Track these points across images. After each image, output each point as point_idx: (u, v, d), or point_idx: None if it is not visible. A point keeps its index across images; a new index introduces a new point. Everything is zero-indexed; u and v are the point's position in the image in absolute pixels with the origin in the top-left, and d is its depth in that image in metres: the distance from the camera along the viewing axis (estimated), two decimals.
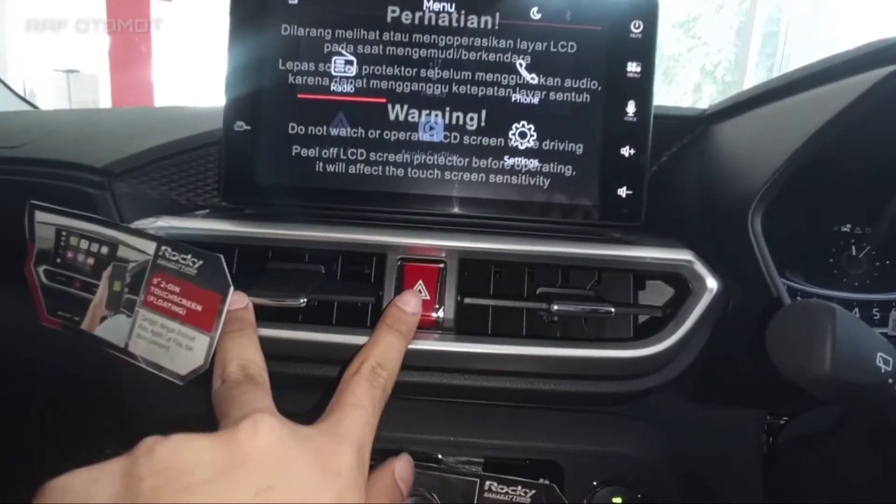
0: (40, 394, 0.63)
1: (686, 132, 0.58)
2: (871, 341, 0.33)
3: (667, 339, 0.45)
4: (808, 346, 0.32)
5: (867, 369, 0.32)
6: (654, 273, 0.47)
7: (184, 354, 0.38)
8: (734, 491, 0.55)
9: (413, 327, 0.41)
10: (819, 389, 0.33)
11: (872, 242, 0.62)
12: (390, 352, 0.38)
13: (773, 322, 0.35)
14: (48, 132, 0.64)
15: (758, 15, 4.33)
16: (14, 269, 0.48)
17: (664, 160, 0.58)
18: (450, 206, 0.49)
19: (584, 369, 0.46)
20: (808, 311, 0.33)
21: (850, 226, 0.62)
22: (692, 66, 5.55)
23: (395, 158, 0.49)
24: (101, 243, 0.43)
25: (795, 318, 0.34)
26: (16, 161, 0.56)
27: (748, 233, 0.44)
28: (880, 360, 0.33)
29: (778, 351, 0.34)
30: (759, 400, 0.55)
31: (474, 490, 0.47)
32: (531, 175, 0.49)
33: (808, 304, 0.33)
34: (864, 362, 0.32)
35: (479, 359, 0.44)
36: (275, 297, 0.44)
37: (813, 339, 0.32)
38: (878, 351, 0.33)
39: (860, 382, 0.32)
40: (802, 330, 0.33)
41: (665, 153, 0.58)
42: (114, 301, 0.42)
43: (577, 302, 0.45)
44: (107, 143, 0.59)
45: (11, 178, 0.54)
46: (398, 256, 0.45)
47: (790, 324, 0.34)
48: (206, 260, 0.38)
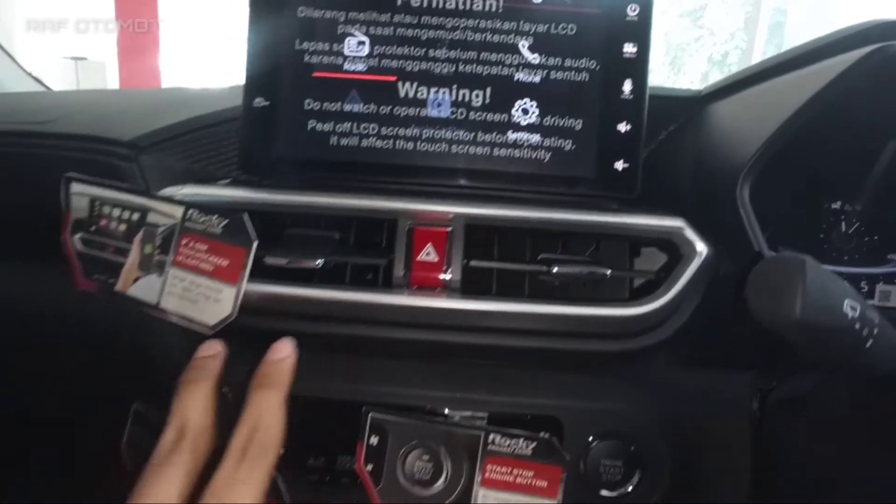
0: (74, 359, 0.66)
1: (682, 113, 0.60)
2: (839, 289, 0.36)
3: (659, 299, 0.48)
4: (781, 294, 0.35)
5: (835, 314, 0.35)
6: (648, 239, 0.50)
7: (212, 306, 0.42)
8: (723, 449, 0.58)
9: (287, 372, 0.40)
10: (791, 334, 0.36)
11: (861, 219, 0.65)
12: (264, 412, 0.38)
13: (751, 274, 0.38)
14: (73, 110, 0.68)
15: (764, 5, 4.33)
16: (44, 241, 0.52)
17: (661, 139, 0.61)
18: (456, 178, 0.52)
19: (581, 326, 0.49)
20: (782, 262, 0.36)
21: (840, 203, 0.65)
22: (699, 55, 5.55)
23: (405, 133, 0.52)
24: (132, 210, 0.46)
25: (771, 269, 0.37)
26: (47, 136, 0.59)
27: (736, 202, 0.47)
28: (847, 307, 0.36)
29: (755, 299, 0.37)
30: (747, 363, 0.58)
31: (479, 443, 0.50)
32: (533, 149, 0.52)
33: (783, 256, 0.37)
34: (832, 308, 0.35)
35: (483, 316, 0.48)
36: (293, 258, 0.47)
37: (785, 286, 0.35)
38: (846, 298, 0.36)
39: (828, 326, 0.35)
40: (777, 279, 0.36)
41: (662, 133, 0.61)
42: (145, 263, 0.45)
43: (575, 264, 0.48)
44: (131, 119, 0.63)
45: (43, 153, 0.58)
46: (408, 221, 0.48)
47: (766, 274, 0.37)
48: (230, 219, 0.42)
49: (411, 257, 0.48)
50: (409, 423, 0.50)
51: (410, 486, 0.50)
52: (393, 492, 0.50)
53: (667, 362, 0.57)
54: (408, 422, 0.50)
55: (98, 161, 0.54)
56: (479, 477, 0.49)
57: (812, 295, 0.34)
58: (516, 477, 0.49)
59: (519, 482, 0.49)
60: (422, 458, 0.50)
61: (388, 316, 0.48)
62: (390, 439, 0.50)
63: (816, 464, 0.55)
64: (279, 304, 0.48)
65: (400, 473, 0.50)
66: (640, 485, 0.54)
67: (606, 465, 0.54)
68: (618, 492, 0.54)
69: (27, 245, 0.62)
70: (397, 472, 0.50)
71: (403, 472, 0.50)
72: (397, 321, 0.49)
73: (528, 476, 0.49)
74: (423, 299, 0.46)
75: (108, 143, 0.55)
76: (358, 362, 0.56)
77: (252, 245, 0.41)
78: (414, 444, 0.50)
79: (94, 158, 0.54)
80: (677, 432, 0.56)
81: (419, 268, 0.48)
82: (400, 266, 0.48)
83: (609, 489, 0.54)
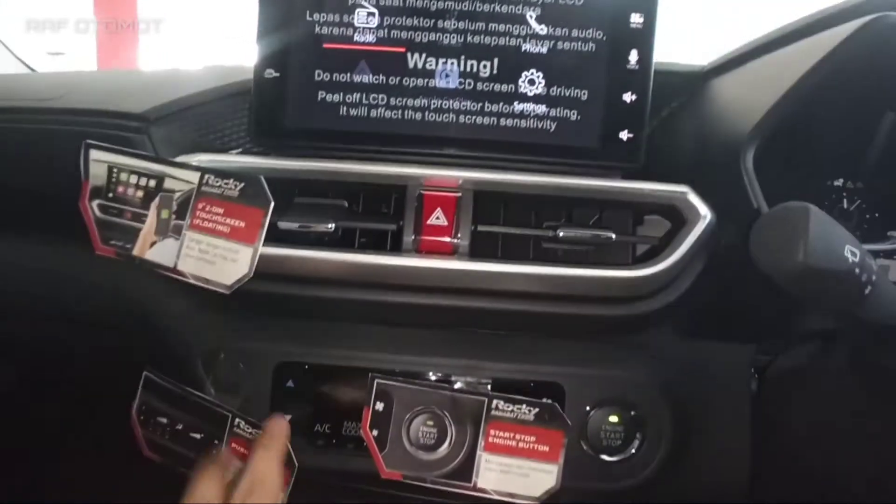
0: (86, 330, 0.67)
1: (686, 88, 0.61)
2: (841, 235, 0.37)
3: (663, 262, 0.49)
4: (786, 239, 0.36)
5: (836, 259, 0.36)
6: (652, 205, 0.51)
7: (229, 267, 0.43)
8: (723, 418, 0.59)
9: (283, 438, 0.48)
10: (794, 281, 0.37)
11: (862, 196, 0.66)
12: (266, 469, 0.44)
13: (756, 224, 0.39)
14: (78, 88, 0.68)
15: None
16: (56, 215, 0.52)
17: (664, 115, 0.62)
18: (464, 148, 0.53)
19: (585, 289, 0.50)
20: (786, 210, 0.37)
21: (841, 180, 0.66)
22: None
23: (414, 103, 0.53)
24: (149, 177, 0.48)
25: (775, 218, 0.38)
26: (57, 111, 0.60)
27: (740, 168, 0.48)
28: (848, 252, 0.37)
29: (760, 248, 0.38)
30: (748, 336, 0.59)
31: (482, 408, 0.51)
32: (539, 119, 0.53)
33: (786, 205, 0.38)
34: (834, 253, 0.36)
35: (491, 278, 0.49)
36: (305, 223, 0.48)
37: (790, 232, 0.36)
38: (847, 244, 0.37)
39: (830, 271, 0.36)
40: (781, 225, 0.37)
41: (665, 109, 0.62)
42: (162, 227, 0.46)
43: (580, 228, 0.49)
44: (137, 95, 0.63)
45: (54, 128, 0.58)
46: (418, 187, 0.49)
47: (771, 222, 0.38)
48: (247, 181, 0.43)
49: (421, 222, 0.49)
50: (413, 389, 0.52)
51: (415, 451, 0.51)
52: (398, 456, 0.51)
53: (669, 333, 0.58)
54: (412, 388, 0.52)
55: (109, 135, 0.55)
56: (482, 442, 0.51)
57: (815, 239, 0.35)
58: (519, 442, 0.50)
59: (521, 447, 0.50)
60: (426, 423, 0.52)
61: (398, 279, 0.49)
62: (395, 405, 0.51)
63: (814, 433, 0.57)
64: (292, 268, 0.49)
65: (405, 438, 0.51)
66: (640, 450, 0.55)
67: (607, 431, 0.55)
68: (618, 456, 0.55)
69: (39, 220, 0.63)
70: (402, 437, 0.51)
71: (408, 437, 0.51)
72: (407, 284, 0.50)
73: (530, 441, 0.50)
74: (432, 261, 0.47)
75: (120, 117, 0.56)
76: (364, 330, 0.57)
77: (269, 206, 0.42)
78: (418, 410, 0.52)
79: (105, 132, 0.55)
80: (678, 400, 0.57)
81: (429, 231, 0.49)
82: (409, 230, 0.49)
83: (609, 454, 0.55)
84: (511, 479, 0.50)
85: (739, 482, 0.59)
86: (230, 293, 0.45)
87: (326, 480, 0.58)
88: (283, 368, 0.56)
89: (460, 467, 0.51)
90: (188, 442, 0.52)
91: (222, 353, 0.56)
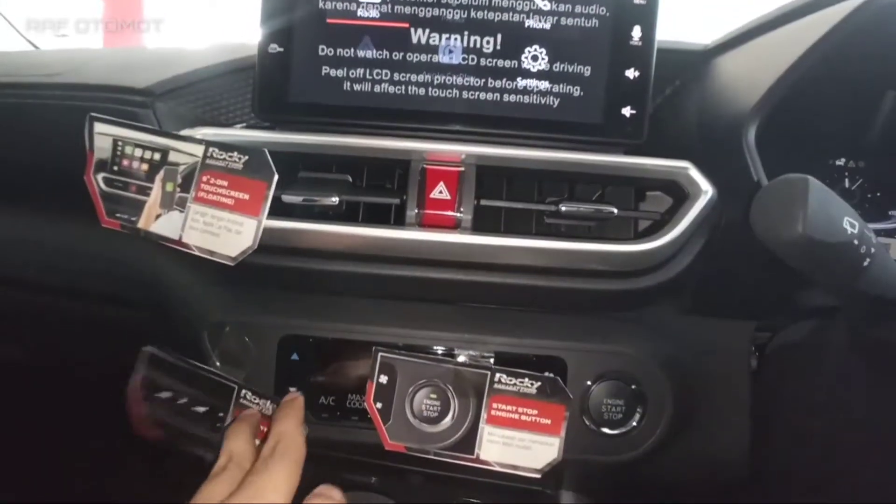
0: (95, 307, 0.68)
1: (689, 67, 0.61)
2: (840, 207, 0.38)
3: (665, 236, 0.49)
4: (785, 210, 0.36)
5: (835, 230, 0.37)
6: (654, 181, 0.52)
7: (234, 239, 0.43)
8: (722, 393, 0.60)
9: (300, 407, 0.49)
10: (794, 252, 0.37)
11: (864, 175, 0.66)
12: (286, 431, 0.45)
13: (757, 195, 0.39)
14: (81, 64, 0.68)
15: None
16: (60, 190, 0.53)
17: (667, 94, 0.62)
18: (467, 123, 0.53)
19: (587, 262, 0.50)
20: (786, 182, 0.38)
21: (843, 159, 0.66)
22: None
23: (417, 79, 0.53)
24: (154, 150, 0.48)
25: (775, 189, 0.38)
26: (61, 87, 0.60)
27: (742, 145, 0.48)
28: (847, 224, 0.37)
29: (761, 218, 0.39)
30: (748, 311, 0.60)
31: (485, 381, 0.51)
32: (542, 95, 0.53)
33: (786, 177, 0.38)
34: (833, 224, 0.37)
35: (493, 251, 0.49)
36: (310, 196, 0.48)
37: (789, 203, 0.36)
38: (846, 216, 0.37)
39: (829, 242, 0.36)
40: (782, 196, 0.37)
41: (668, 88, 0.62)
42: (167, 200, 0.47)
43: (582, 202, 0.50)
44: (141, 70, 0.63)
45: (58, 103, 0.58)
46: (421, 161, 0.50)
47: (771, 193, 0.38)
48: (251, 154, 0.43)
49: (424, 196, 0.50)
50: (417, 362, 0.52)
51: (418, 424, 0.52)
52: (401, 429, 0.52)
53: (670, 309, 0.59)
54: (416, 361, 0.52)
55: (114, 109, 0.55)
56: (484, 415, 0.51)
57: (814, 211, 0.36)
58: (521, 415, 0.51)
59: (523, 420, 0.51)
60: (429, 396, 0.52)
61: (401, 252, 0.50)
62: (399, 378, 0.52)
63: (813, 408, 0.57)
64: (296, 241, 0.50)
65: (408, 411, 0.52)
66: (640, 424, 0.56)
67: (608, 405, 0.55)
68: (619, 430, 0.56)
69: (45, 194, 0.63)
70: (405, 410, 0.52)
71: (411, 409, 0.52)
72: (410, 258, 0.50)
73: (532, 414, 0.51)
74: (435, 234, 0.47)
75: (124, 92, 0.56)
76: (368, 304, 0.58)
77: (273, 178, 0.43)
78: (422, 383, 0.52)
79: (109, 107, 0.55)
80: (678, 375, 0.57)
81: (432, 205, 0.49)
82: (412, 204, 0.50)
83: (610, 427, 0.56)
84: (513, 451, 0.51)
85: (739, 455, 0.60)
86: (235, 266, 0.46)
87: (331, 452, 0.59)
88: (287, 342, 0.57)
89: (463, 440, 0.52)
90: (190, 416, 0.53)
91: (228, 326, 0.56)
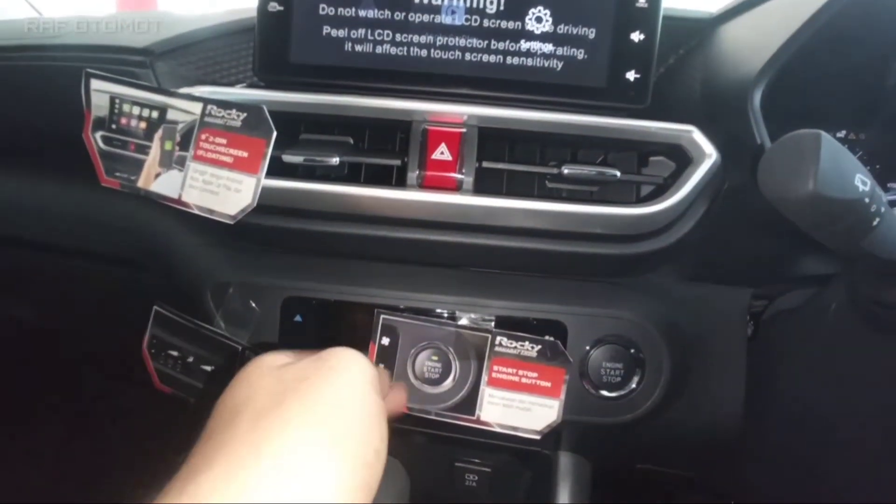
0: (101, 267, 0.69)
1: (694, 35, 0.60)
2: (851, 163, 0.36)
3: (668, 199, 0.49)
4: (796, 166, 0.35)
5: (847, 187, 0.36)
6: (658, 145, 0.51)
7: (233, 197, 0.43)
8: (719, 357, 0.60)
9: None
10: (802, 208, 0.36)
11: (865, 147, 0.65)
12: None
13: (765, 154, 0.38)
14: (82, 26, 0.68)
15: None
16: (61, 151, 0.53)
17: (671, 63, 0.61)
18: (469, 86, 0.52)
19: (589, 226, 0.50)
20: (797, 137, 0.36)
21: (844, 132, 0.65)
22: None
23: (419, 40, 0.52)
24: (152, 108, 0.48)
25: (785, 145, 0.37)
26: (60, 47, 0.60)
27: (746, 109, 0.48)
28: (858, 181, 0.36)
29: (767, 176, 0.38)
30: (746, 278, 0.60)
31: (486, 344, 0.52)
32: (545, 58, 0.52)
33: (796, 133, 0.37)
34: (845, 181, 0.36)
35: (495, 214, 0.49)
36: (310, 156, 0.48)
37: (800, 159, 0.35)
38: (857, 172, 0.36)
39: (840, 199, 0.36)
40: (792, 152, 0.36)
41: (672, 57, 0.61)
42: (166, 159, 0.47)
43: (585, 165, 0.49)
44: (142, 31, 0.63)
45: (58, 64, 0.58)
46: (422, 122, 0.49)
47: (781, 150, 0.37)
48: (249, 111, 0.43)
49: (425, 158, 0.49)
50: (419, 324, 0.52)
51: (419, 385, 0.52)
52: None
53: (670, 274, 0.59)
54: (418, 323, 0.52)
55: (113, 69, 0.55)
56: (485, 377, 0.52)
57: (826, 167, 0.35)
58: (521, 377, 0.51)
59: (524, 382, 0.51)
60: (431, 358, 0.53)
61: (402, 213, 0.50)
62: (401, 340, 0.52)
63: (809, 374, 0.57)
64: (297, 201, 0.49)
65: (410, 372, 0.52)
66: (638, 387, 0.56)
67: (607, 368, 0.56)
68: (617, 392, 0.56)
69: (49, 156, 0.63)
70: (407, 372, 0.52)
71: (413, 371, 0.52)
72: (411, 219, 0.50)
73: (532, 377, 0.51)
74: (436, 195, 0.47)
75: (123, 52, 0.56)
76: (370, 268, 0.58)
77: (272, 135, 0.42)
78: (424, 345, 0.52)
79: (108, 67, 0.55)
80: (676, 340, 0.58)
81: (433, 166, 0.49)
82: (414, 165, 0.49)
83: (609, 390, 0.56)
84: (513, 413, 0.51)
85: (733, 419, 0.60)
86: (237, 226, 0.46)
87: None
88: (290, 303, 0.57)
89: (464, 401, 0.52)
90: (199, 374, 0.54)
91: (231, 287, 0.56)
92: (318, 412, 0.32)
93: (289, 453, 0.29)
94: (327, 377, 0.34)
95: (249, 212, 0.45)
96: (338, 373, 0.34)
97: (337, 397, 0.33)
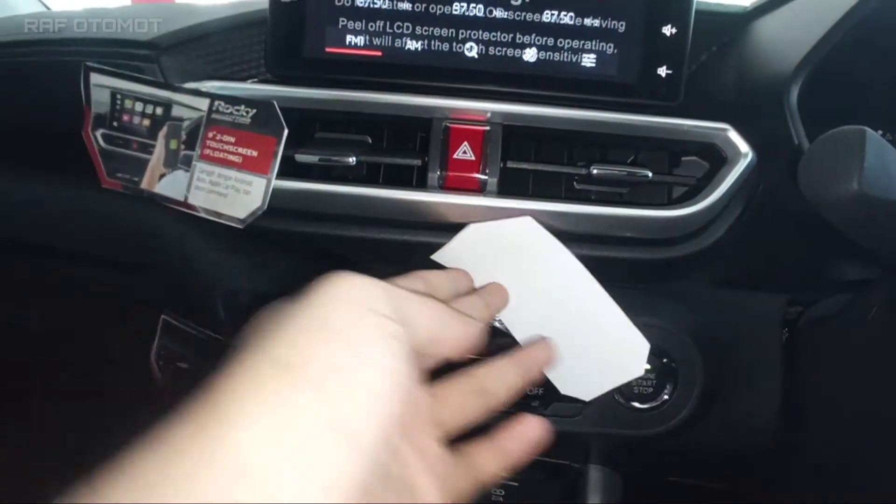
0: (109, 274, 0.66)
1: (727, 31, 0.58)
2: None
3: (702, 201, 0.46)
4: (840, 165, 0.33)
5: (893, 187, 0.33)
6: (691, 144, 0.48)
7: (242, 199, 0.40)
8: (754, 367, 0.57)
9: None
10: (844, 209, 0.34)
11: None
12: None
13: (807, 152, 0.35)
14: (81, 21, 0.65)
15: None
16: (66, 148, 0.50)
17: (703, 60, 0.59)
18: (492, 81, 0.50)
19: (620, 229, 0.47)
20: (840, 134, 0.34)
21: (880, 132, 0.63)
22: None
23: (440, 33, 0.49)
24: (156, 104, 0.45)
25: (828, 142, 0.34)
26: (62, 42, 0.57)
27: (783, 107, 0.45)
28: None
29: (808, 175, 0.35)
30: (782, 283, 0.57)
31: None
32: (573, 52, 0.49)
33: (840, 129, 0.34)
34: (892, 180, 0.33)
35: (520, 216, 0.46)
36: (326, 155, 0.45)
37: (845, 157, 0.33)
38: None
39: (885, 200, 0.33)
40: (835, 151, 0.34)
41: (704, 53, 0.59)
42: (171, 158, 0.44)
43: (615, 165, 0.47)
44: (148, 25, 0.61)
45: (61, 59, 0.56)
46: (444, 119, 0.46)
47: (823, 148, 0.35)
48: (259, 107, 0.40)
49: (447, 157, 0.47)
50: None
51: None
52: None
53: (702, 281, 0.56)
54: None
55: (118, 64, 0.52)
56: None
57: (872, 165, 0.32)
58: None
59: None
60: None
61: (423, 216, 0.47)
62: None
63: (844, 382, 0.55)
64: (311, 204, 0.46)
65: None
66: (671, 397, 0.54)
67: (639, 379, 0.53)
68: (649, 404, 0.54)
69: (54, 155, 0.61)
70: None
71: None
72: (432, 222, 0.47)
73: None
74: (459, 197, 0.44)
75: (127, 45, 0.53)
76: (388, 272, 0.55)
77: (283, 133, 0.39)
78: None
79: (111, 61, 0.52)
80: (709, 349, 0.55)
81: (455, 166, 0.46)
82: (435, 165, 0.46)
83: (641, 401, 0.54)
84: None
85: (769, 430, 0.58)
86: (248, 231, 0.43)
87: None
88: None
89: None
90: None
91: (241, 294, 0.54)
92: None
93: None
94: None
95: (260, 215, 0.42)
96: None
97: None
